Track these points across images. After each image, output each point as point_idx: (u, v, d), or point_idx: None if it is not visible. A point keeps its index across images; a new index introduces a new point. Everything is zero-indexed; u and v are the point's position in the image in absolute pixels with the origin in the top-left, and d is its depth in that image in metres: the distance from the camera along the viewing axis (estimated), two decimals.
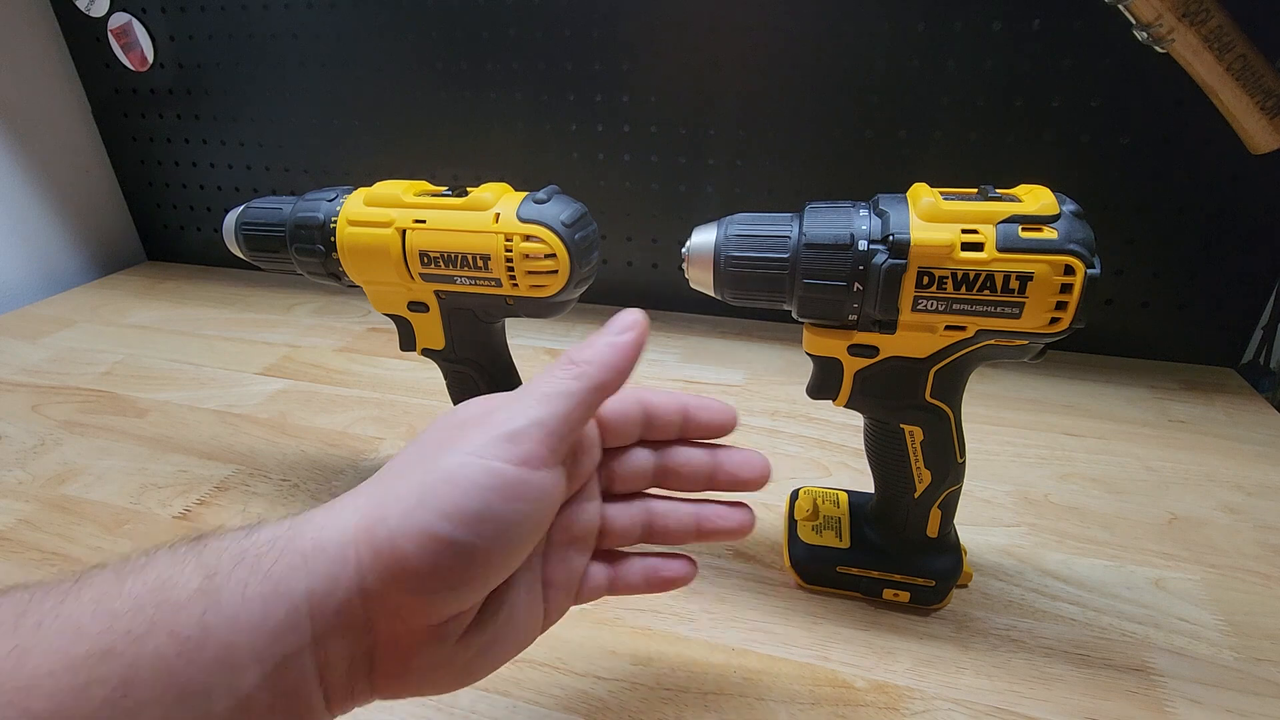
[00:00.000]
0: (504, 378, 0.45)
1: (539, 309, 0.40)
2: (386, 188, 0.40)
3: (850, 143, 0.67)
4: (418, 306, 0.42)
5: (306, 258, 0.42)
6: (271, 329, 0.77)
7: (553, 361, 0.25)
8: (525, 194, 0.39)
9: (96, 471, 0.53)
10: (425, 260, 0.39)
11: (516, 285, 0.38)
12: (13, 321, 0.80)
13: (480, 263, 0.38)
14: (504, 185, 0.40)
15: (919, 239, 0.31)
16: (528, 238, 0.37)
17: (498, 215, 0.37)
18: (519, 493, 0.23)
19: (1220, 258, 0.63)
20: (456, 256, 0.38)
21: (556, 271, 0.37)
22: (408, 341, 0.44)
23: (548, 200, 0.38)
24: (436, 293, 0.41)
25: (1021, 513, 0.48)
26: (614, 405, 0.28)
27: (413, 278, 0.40)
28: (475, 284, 0.39)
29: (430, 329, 0.43)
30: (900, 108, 0.64)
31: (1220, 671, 0.37)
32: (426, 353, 0.44)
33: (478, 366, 0.43)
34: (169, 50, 0.84)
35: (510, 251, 0.37)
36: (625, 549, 0.30)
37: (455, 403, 0.46)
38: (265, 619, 0.20)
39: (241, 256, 0.45)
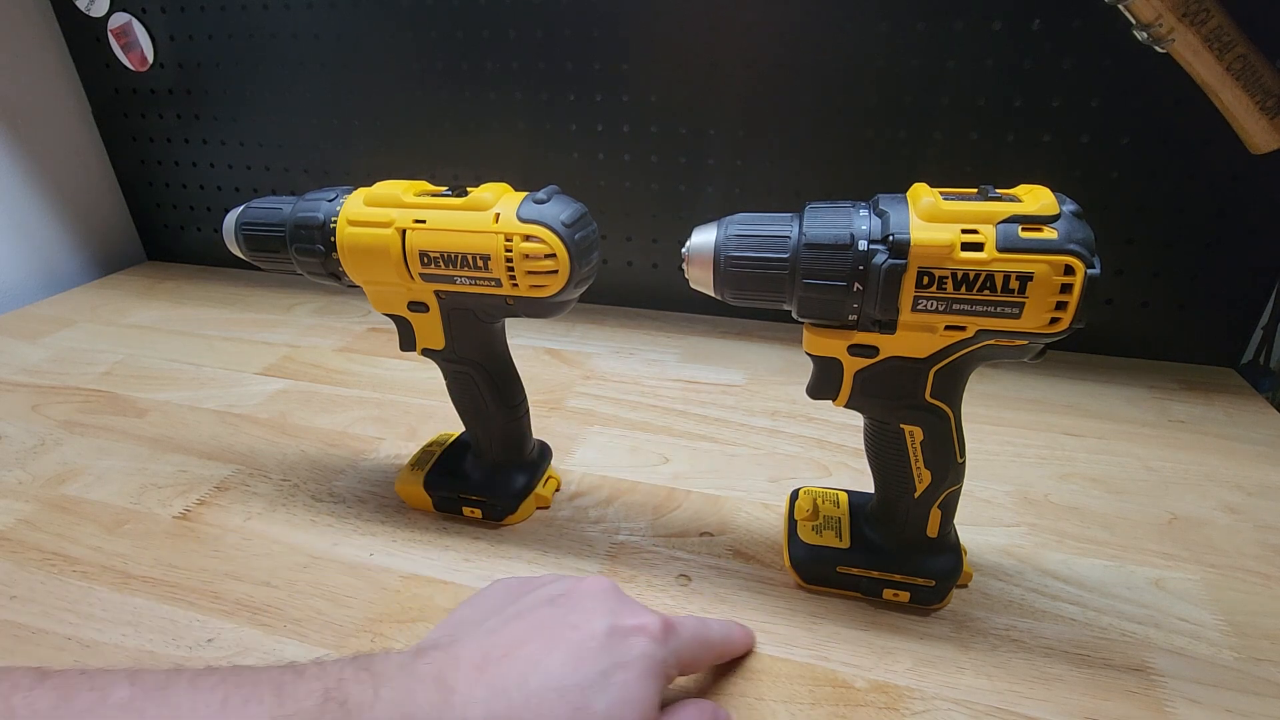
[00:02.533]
0: (504, 378, 0.45)
1: (539, 309, 0.40)
2: (386, 188, 0.40)
3: (850, 143, 0.67)
4: (418, 306, 0.42)
5: (306, 258, 0.42)
6: (271, 329, 0.77)
7: None
8: (525, 194, 0.39)
9: (96, 471, 0.53)
10: (425, 260, 0.39)
11: (516, 285, 0.38)
12: (13, 321, 0.80)
13: (480, 263, 0.38)
14: (504, 185, 0.40)
15: (919, 239, 0.31)
16: (528, 238, 0.37)
17: (498, 215, 0.37)
18: None
19: (1220, 258, 0.63)
20: (456, 256, 0.38)
21: (556, 271, 0.37)
22: (408, 341, 0.44)
23: (548, 200, 0.38)
24: (436, 293, 0.41)
25: (1021, 513, 0.48)
26: None
27: (413, 278, 0.40)
28: (475, 284, 0.39)
29: (430, 329, 0.43)
30: (900, 108, 0.64)
31: (1220, 671, 0.37)
32: (426, 353, 0.44)
33: (478, 366, 0.43)
34: (169, 50, 0.84)
35: (510, 251, 0.37)
36: None
37: (455, 402, 0.46)
38: None
39: (241, 256, 0.44)
